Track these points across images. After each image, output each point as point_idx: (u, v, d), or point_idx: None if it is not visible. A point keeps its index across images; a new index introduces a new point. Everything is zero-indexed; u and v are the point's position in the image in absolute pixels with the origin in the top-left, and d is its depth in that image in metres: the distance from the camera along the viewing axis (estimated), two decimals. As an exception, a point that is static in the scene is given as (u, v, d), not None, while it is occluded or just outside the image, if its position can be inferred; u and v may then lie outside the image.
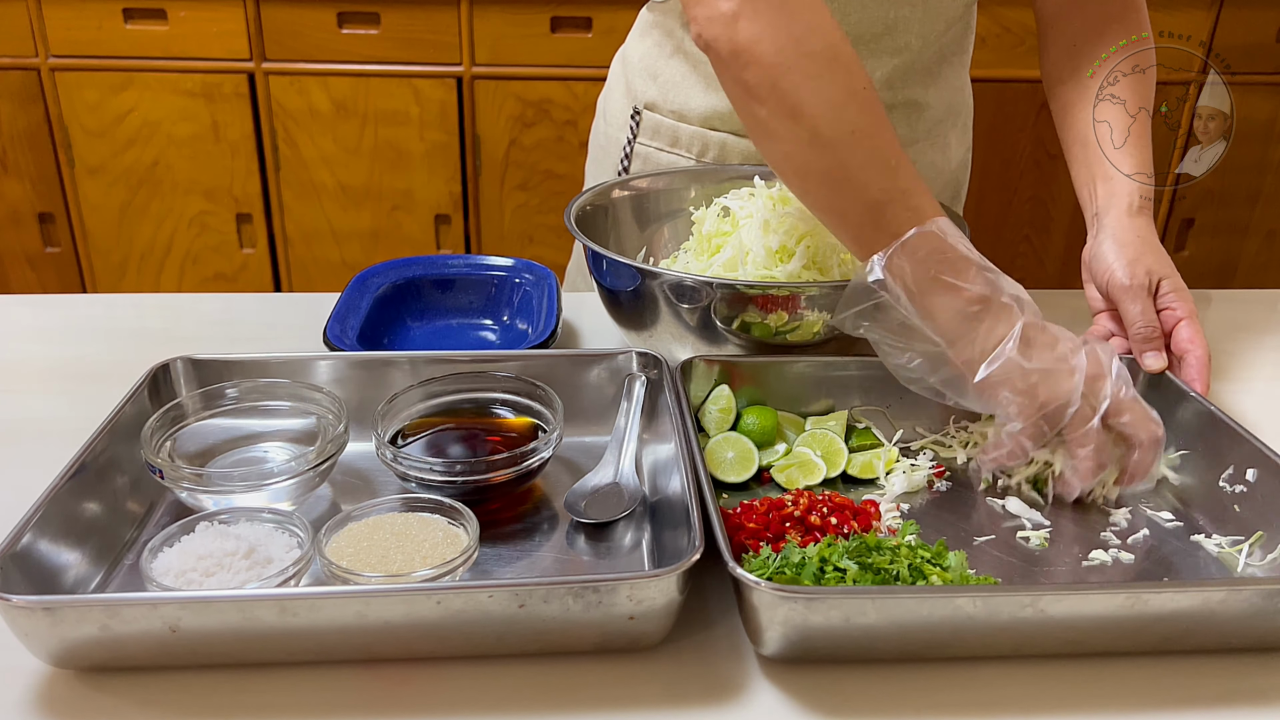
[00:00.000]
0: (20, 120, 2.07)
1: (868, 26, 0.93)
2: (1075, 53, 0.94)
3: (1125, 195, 0.88)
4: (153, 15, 2.01)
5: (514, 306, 0.98)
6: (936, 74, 1.01)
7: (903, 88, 0.99)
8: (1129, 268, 0.84)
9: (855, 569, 0.60)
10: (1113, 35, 0.92)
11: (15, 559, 0.57)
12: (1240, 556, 0.68)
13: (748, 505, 0.69)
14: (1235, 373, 0.93)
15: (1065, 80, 0.95)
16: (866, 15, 0.93)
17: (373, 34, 2.04)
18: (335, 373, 0.78)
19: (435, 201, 2.18)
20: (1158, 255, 0.86)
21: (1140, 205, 0.87)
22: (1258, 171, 2.24)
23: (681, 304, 0.79)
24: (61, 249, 2.19)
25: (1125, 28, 0.92)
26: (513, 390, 0.77)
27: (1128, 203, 0.87)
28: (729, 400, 0.78)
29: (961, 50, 1.03)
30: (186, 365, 0.77)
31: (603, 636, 0.58)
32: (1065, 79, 0.95)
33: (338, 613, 0.55)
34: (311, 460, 0.68)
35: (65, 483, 0.63)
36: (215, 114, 2.08)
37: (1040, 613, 0.57)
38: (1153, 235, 0.87)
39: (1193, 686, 0.59)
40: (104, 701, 0.56)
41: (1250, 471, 0.70)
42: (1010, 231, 2.25)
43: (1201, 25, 2.10)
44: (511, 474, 0.69)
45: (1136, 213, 0.87)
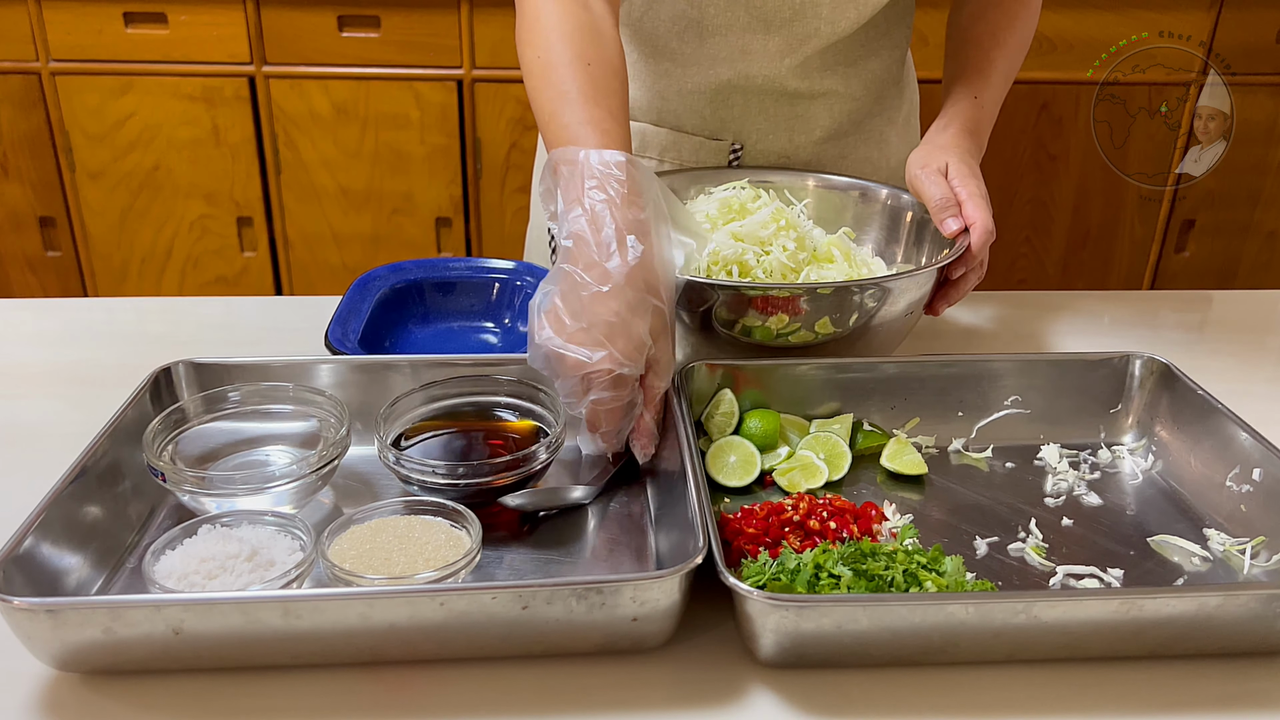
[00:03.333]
0: (21, 124, 2.07)
1: (775, 9, 0.94)
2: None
3: (959, 118, 0.94)
4: (153, 19, 2.01)
5: (515, 309, 0.98)
6: (861, 66, 1.01)
7: (820, 77, 1.00)
8: (924, 159, 0.91)
9: (849, 575, 0.60)
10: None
11: (18, 562, 0.57)
12: (1245, 558, 0.68)
13: (748, 510, 0.69)
14: (1237, 373, 0.93)
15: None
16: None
17: (373, 37, 2.04)
18: (337, 376, 0.78)
19: (436, 205, 2.18)
20: (954, 154, 0.90)
21: (967, 129, 0.93)
22: (1258, 172, 2.24)
23: (682, 307, 0.79)
24: (62, 253, 2.19)
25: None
26: (515, 393, 0.77)
27: (959, 124, 0.93)
28: (731, 404, 0.78)
29: (893, 46, 1.04)
30: (189, 369, 0.77)
31: (606, 638, 0.58)
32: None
33: (341, 615, 0.55)
34: (314, 463, 0.68)
35: (67, 486, 0.63)
36: (216, 117, 2.08)
37: (1034, 619, 0.57)
38: (959, 146, 0.91)
39: (1191, 690, 0.59)
40: (108, 706, 0.56)
41: (1256, 471, 0.70)
42: (1010, 233, 2.25)
43: (1202, 25, 2.10)
44: (513, 477, 0.69)
45: (957, 132, 0.93)
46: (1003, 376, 0.81)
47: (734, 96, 1.00)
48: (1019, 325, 1.03)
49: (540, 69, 0.80)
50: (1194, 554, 0.69)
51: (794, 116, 1.01)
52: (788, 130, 1.02)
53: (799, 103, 1.01)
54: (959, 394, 0.81)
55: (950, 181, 0.88)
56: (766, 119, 1.01)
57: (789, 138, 1.02)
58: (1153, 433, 0.80)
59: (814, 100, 1.01)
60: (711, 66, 0.98)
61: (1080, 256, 2.30)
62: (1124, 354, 0.82)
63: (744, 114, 1.01)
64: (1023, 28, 0.99)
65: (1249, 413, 0.75)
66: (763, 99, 1.00)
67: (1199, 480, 0.75)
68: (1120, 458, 0.79)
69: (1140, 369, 0.81)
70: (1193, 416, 0.77)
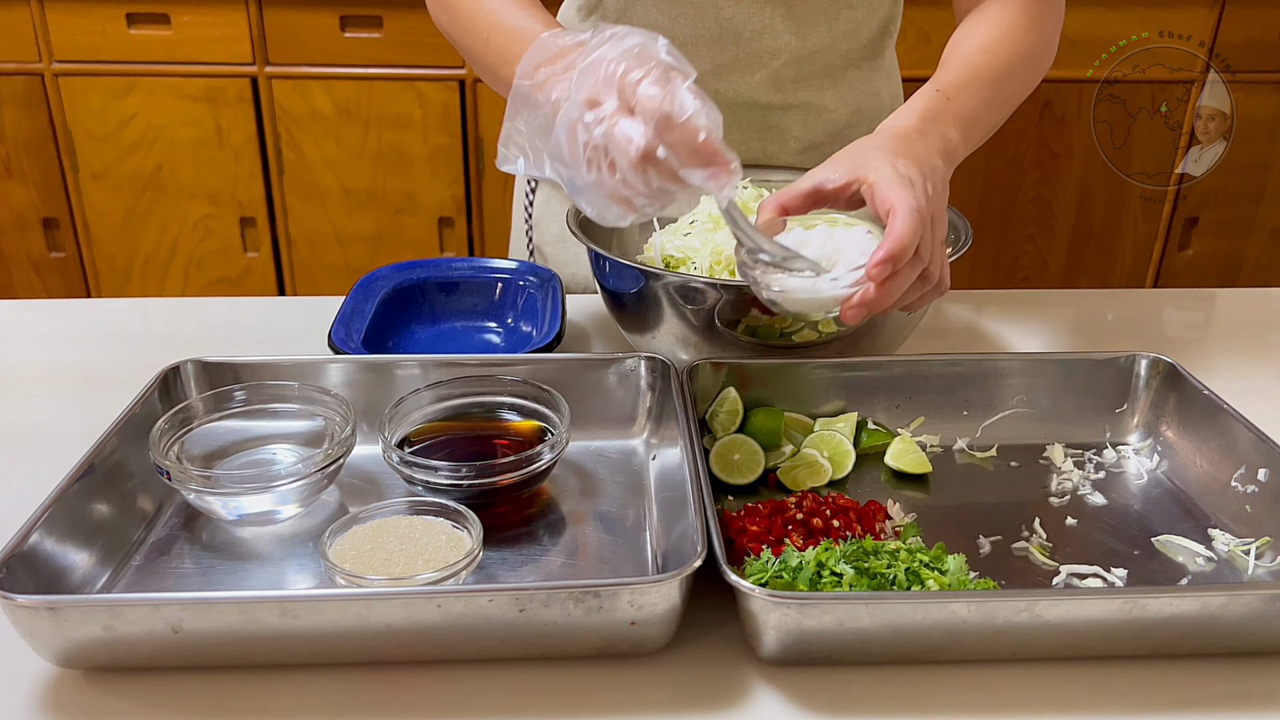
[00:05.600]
0: (25, 125, 2.08)
1: (744, 23, 0.94)
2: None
3: (910, 108, 0.77)
4: (156, 20, 2.01)
5: (518, 309, 0.98)
6: (839, 79, 1.01)
7: (795, 89, 0.99)
8: (828, 169, 0.72)
9: (852, 573, 0.60)
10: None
11: (21, 559, 0.57)
12: (1250, 558, 0.68)
13: (751, 508, 0.69)
14: (1240, 371, 0.93)
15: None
16: (741, 10, 0.94)
17: (375, 37, 2.04)
18: (344, 375, 0.78)
19: (438, 204, 2.18)
20: (876, 153, 0.71)
21: (920, 115, 0.76)
22: (1262, 170, 2.24)
23: (686, 305, 0.79)
24: (66, 254, 2.19)
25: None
26: (520, 394, 0.76)
27: (909, 111, 0.77)
28: (735, 402, 0.78)
29: (874, 55, 1.03)
30: (196, 367, 0.77)
31: (604, 641, 0.58)
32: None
33: (339, 615, 0.55)
34: (319, 463, 0.68)
35: (74, 483, 0.63)
36: (218, 118, 2.08)
37: (1036, 617, 0.57)
38: (901, 137, 0.74)
39: (1194, 690, 0.58)
40: (110, 702, 0.56)
41: (1262, 471, 0.70)
42: (1014, 231, 2.25)
43: (1205, 24, 2.10)
44: (518, 477, 0.69)
45: (905, 121, 0.76)
46: (1008, 375, 0.81)
47: None
48: (1022, 323, 1.03)
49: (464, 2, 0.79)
50: (1198, 554, 0.69)
51: (767, 128, 1.01)
52: (761, 141, 1.02)
53: (772, 114, 1.01)
54: (964, 393, 0.81)
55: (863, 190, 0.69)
56: (740, 130, 1.01)
57: (762, 148, 1.02)
58: (1158, 432, 0.80)
59: (787, 112, 1.01)
60: None
61: (1083, 254, 2.30)
62: (1130, 353, 0.81)
63: None
64: (1023, 39, 0.85)
65: (1253, 411, 0.74)
66: (734, 110, 1.00)
67: (1204, 480, 0.75)
68: (1125, 457, 0.79)
69: (1146, 369, 0.81)
70: (1199, 416, 0.77)
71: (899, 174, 0.66)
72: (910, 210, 0.63)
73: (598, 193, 0.63)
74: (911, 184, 0.66)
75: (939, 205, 0.68)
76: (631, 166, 0.60)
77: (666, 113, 0.59)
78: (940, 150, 0.73)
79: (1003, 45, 0.84)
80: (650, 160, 0.60)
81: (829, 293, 0.65)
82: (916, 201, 0.64)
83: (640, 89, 0.60)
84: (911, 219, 0.63)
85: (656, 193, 0.62)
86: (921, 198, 0.65)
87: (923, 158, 0.70)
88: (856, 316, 0.66)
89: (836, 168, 0.69)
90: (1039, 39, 0.87)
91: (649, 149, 0.60)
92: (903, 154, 0.69)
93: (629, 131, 0.60)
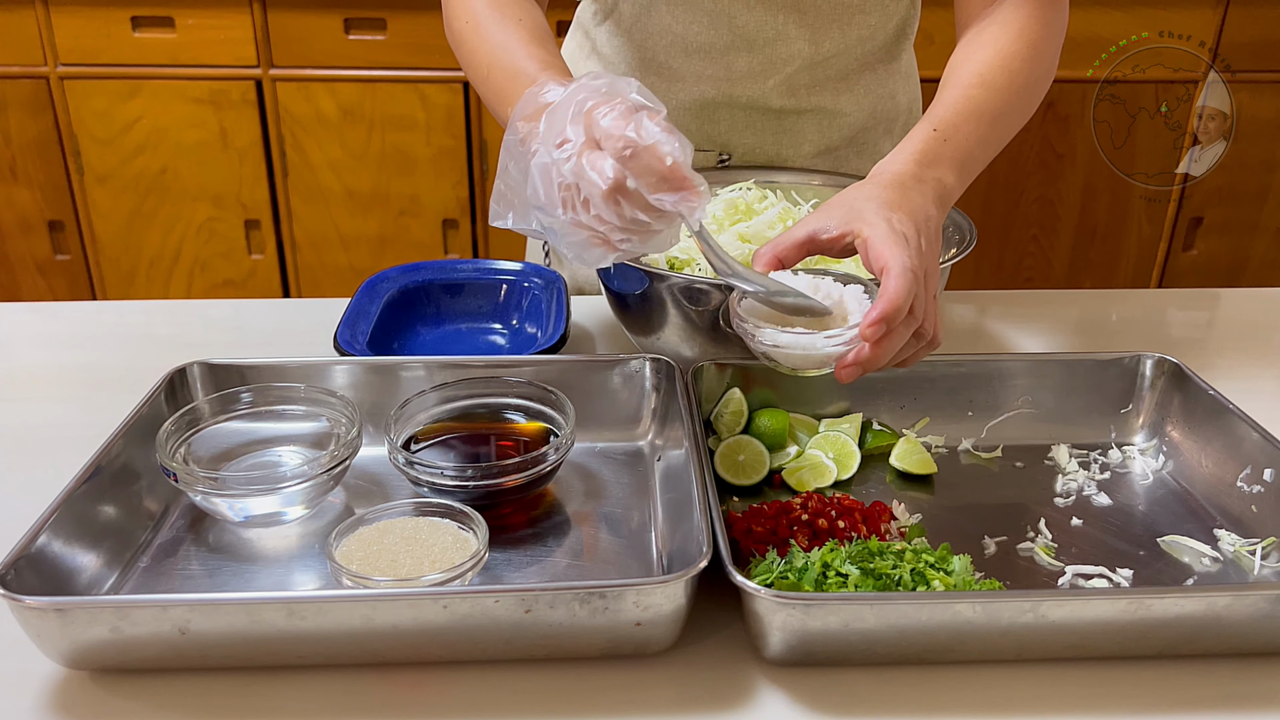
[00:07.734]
0: (30, 128, 2.08)
1: (758, 30, 0.95)
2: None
3: (907, 150, 0.75)
4: (161, 23, 2.02)
5: (523, 310, 0.98)
6: (854, 83, 1.01)
7: (809, 95, 0.99)
8: (823, 218, 0.70)
9: (857, 574, 0.60)
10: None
11: (29, 561, 0.58)
12: (1255, 559, 0.67)
13: (756, 509, 0.69)
14: (1246, 371, 0.93)
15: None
16: (753, 19, 0.95)
17: (379, 40, 2.05)
18: (349, 377, 0.78)
19: (443, 206, 2.18)
20: (872, 204, 0.69)
21: (916, 159, 0.74)
22: (1266, 169, 2.23)
23: (690, 306, 0.79)
24: (71, 256, 2.20)
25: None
26: (525, 395, 0.77)
27: (906, 154, 0.75)
28: (740, 403, 0.78)
29: (889, 59, 1.03)
30: (203, 370, 0.77)
31: (610, 643, 0.58)
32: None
33: (345, 617, 0.56)
34: (325, 464, 0.68)
35: (81, 485, 0.64)
36: (223, 121, 2.08)
37: (1041, 618, 0.57)
38: (895, 184, 0.72)
39: (1199, 690, 0.58)
40: (117, 704, 0.56)
41: (1268, 471, 0.70)
42: (1018, 231, 2.25)
43: (1206, 24, 2.09)
44: (523, 478, 0.69)
45: (901, 165, 0.74)
46: (1013, 376, 0.81)
47: (720, 112, 1.00)
48: (1026, 324, 1.03)
49: (470, 32, 0.80)
50: (1204, 554, 0.69)
51: (781, 131, 1.02)
52: (775, 145, 1.02)
53: (786, 118, 1.01)
54: (969, 393, 0.81)
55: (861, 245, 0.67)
56: (754, 134, 1.02)
57: (777, 151, 1.02)
58: (1163, 433, 0.80)
59: (801, 116, 1.01)
60: (697, 84, 0.99)
61: (1088, 254, 2.30)
62: (1134, 354, 0.81)
63: (730, 129, 1.01)
64: (1021, 69, 0.82)
65: (1258, 411, 0.74)
66: (749, 114, 1.00)
67: (1209, 480, 0.75)
68: (1131, 458, 0.79)
69: (1151, 369, 0.81)
70: (1204, 417, 0.77)
71: (893, 230, 0.65)
72: (904, 270, 0.63)
73: (576, 233, 0.64)
74: (906, 241, 0.65)
75: (932, 260, 0.68)
76: (603, 199, 0.61)
77: (631, 140, 0.59)
78: (935, 198, 0.72)
79: (1001, 77, 0.82)
80: (621, 191, 0.60)
81: (823, 350, 0.66)
82: (910, 261, 0.63)
83: (603, 121, 0.60)
84: (905, 279, 0.63)
85: (631, 224, 0.62)
86: (915, 256, 0.64)
87: (918, 208, 0.69)
88: (851, 375, 0.65)
89: (831, 217, 0.68)
90: (1037, 68, 0.85)
91: (618, 180, 0.60)
92: (897, 206, 0.68)
93: (598, 164, 0.60)
